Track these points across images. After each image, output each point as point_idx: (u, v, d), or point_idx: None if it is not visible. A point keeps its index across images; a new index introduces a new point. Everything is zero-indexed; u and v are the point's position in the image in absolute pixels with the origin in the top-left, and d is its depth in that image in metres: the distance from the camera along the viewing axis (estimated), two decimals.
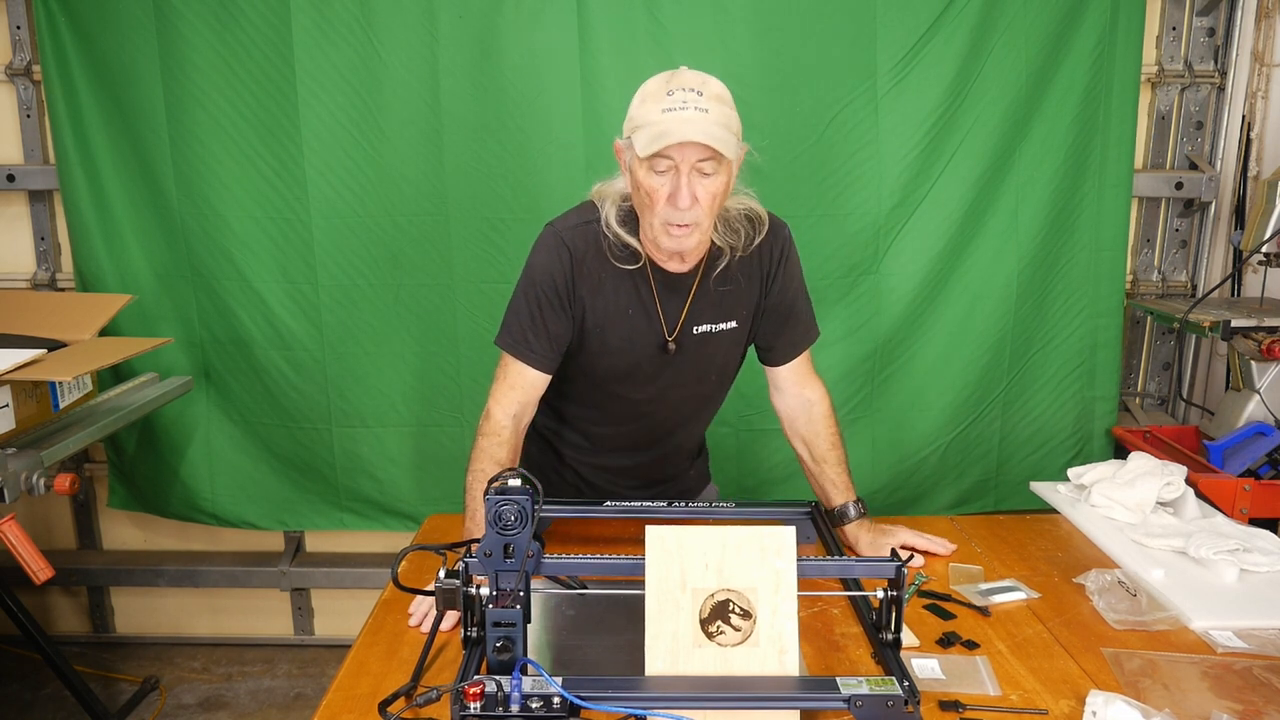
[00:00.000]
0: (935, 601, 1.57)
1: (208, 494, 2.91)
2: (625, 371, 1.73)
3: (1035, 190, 2.66)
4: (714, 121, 1.48)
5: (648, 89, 1.54)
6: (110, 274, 2.74)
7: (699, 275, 1.68)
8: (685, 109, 1.48)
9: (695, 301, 1.69)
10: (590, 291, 1.67)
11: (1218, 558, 1.65)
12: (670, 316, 1.69)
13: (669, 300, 1.69)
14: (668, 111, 1.48)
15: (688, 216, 1.52)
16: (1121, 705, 1.19)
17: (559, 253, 1.65)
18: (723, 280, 1.69)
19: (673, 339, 1.70)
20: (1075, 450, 2.82)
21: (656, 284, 1.68)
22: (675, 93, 1.50)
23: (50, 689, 2.88)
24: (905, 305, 2.71)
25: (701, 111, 1.48)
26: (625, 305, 1.68)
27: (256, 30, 2.56)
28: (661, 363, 1.72)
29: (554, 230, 1.68)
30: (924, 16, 2.54)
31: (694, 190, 1.51)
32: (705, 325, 1.71)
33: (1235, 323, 2.31)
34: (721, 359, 1.78)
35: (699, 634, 1.25)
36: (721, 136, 1.48)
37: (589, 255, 1.66)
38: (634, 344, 1.70)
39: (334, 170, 2.64)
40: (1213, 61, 2.81)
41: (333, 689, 1.32)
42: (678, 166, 1.50)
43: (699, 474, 2.03)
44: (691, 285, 1.69)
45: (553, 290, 1.65)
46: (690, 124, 1.47)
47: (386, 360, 2.78)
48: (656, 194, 1.53)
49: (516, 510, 1.25)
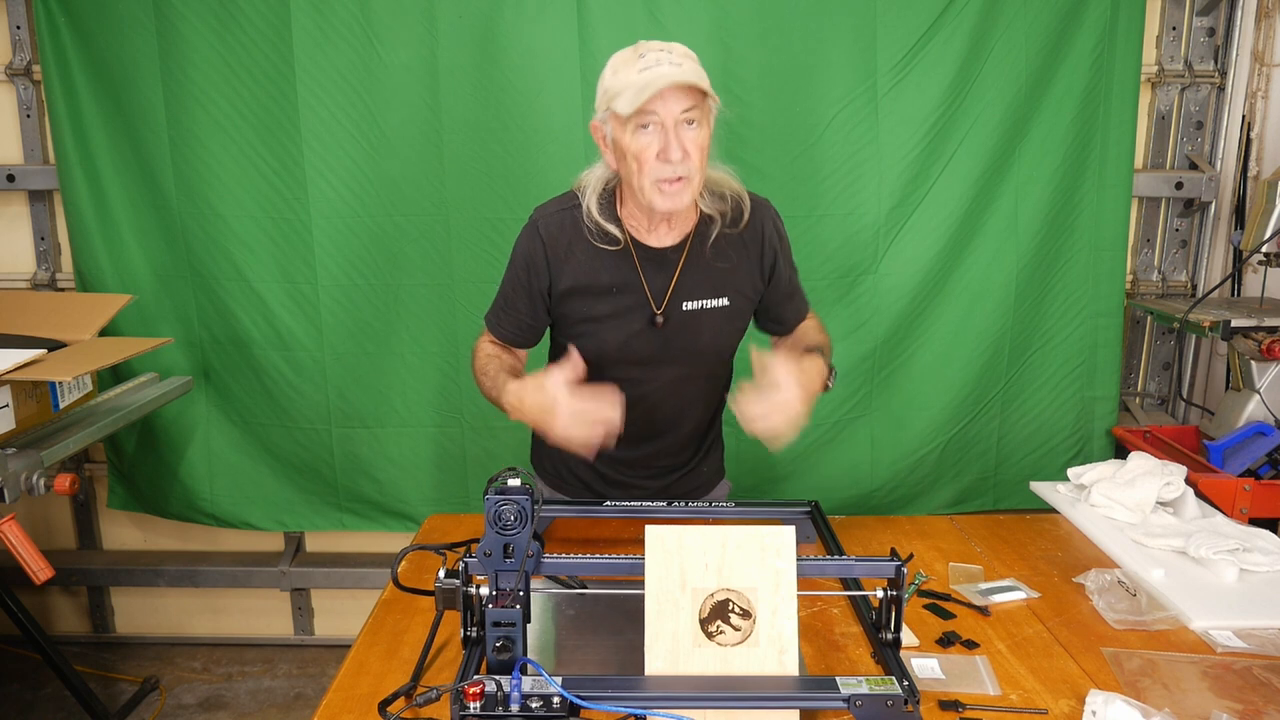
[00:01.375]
0: (935, 601, 1.57)
1: (207, 494, 2.91)
2: (617, 352, 1.74)
3: (1035, 190, 2.66)
4: (690, 71, 1.54)
5: (617, 60, 1.59)
6: (110, 274, 2.75)
7: (686, 249, 1.70)
8: (660, 65, 1.53)
9: (683, 276, 1.70)
10: (571, 273, 1.71)
11: (1218, 557, 1.65)
12: (657, 292, 1.71)
13: (655, 276, 1.70)
14: (644, 70, 1.53)
15: (680, 169, 1.55)
16: (1121, 705, 1.19)
17: (532, 241, 1.72)
18: (716, 254, 1.71)
19: (661, 312, 1.71)
20: (1075, 450, 2.83)
21: (641, 261, 1.70)
22: (646, 54, 1.55)
23: (50, 689, 2.88)
24: (905, 305, 2.71)
25: (676, 65, 1.53)
26: (610, 285, 1.70)
27: (256, 30, 2.56)
28: (652, 340, 1.73)
29: (534, 219, 1.75)
30: (924, 16, 2.54)
31: (683, 142, 1.54)
32: (696, 301, 1.72)
33: (1235, 323, 2.31)
34: (715, 336, 1.78)
35: (699, 634, 1.25)
36: (702, 77, 1.54)
37: (567, 239, 1.70)
38: (622, 321, 1.72)
39: (334, 170, 2.64)
40: (1213, 61, 2.81)
41: (333, 689, 1.32)
42: (663, 122, 1.53)
43: (712, 468, 2.01)
44: (679, 260, 1.70)
45: (526, 274, 1.72)
46: (670, 73, 1.52)
47: (386, 360, 2.78)
48: (645, 153, 1.55)
49: (516, 510, 1.25)
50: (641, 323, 1.72)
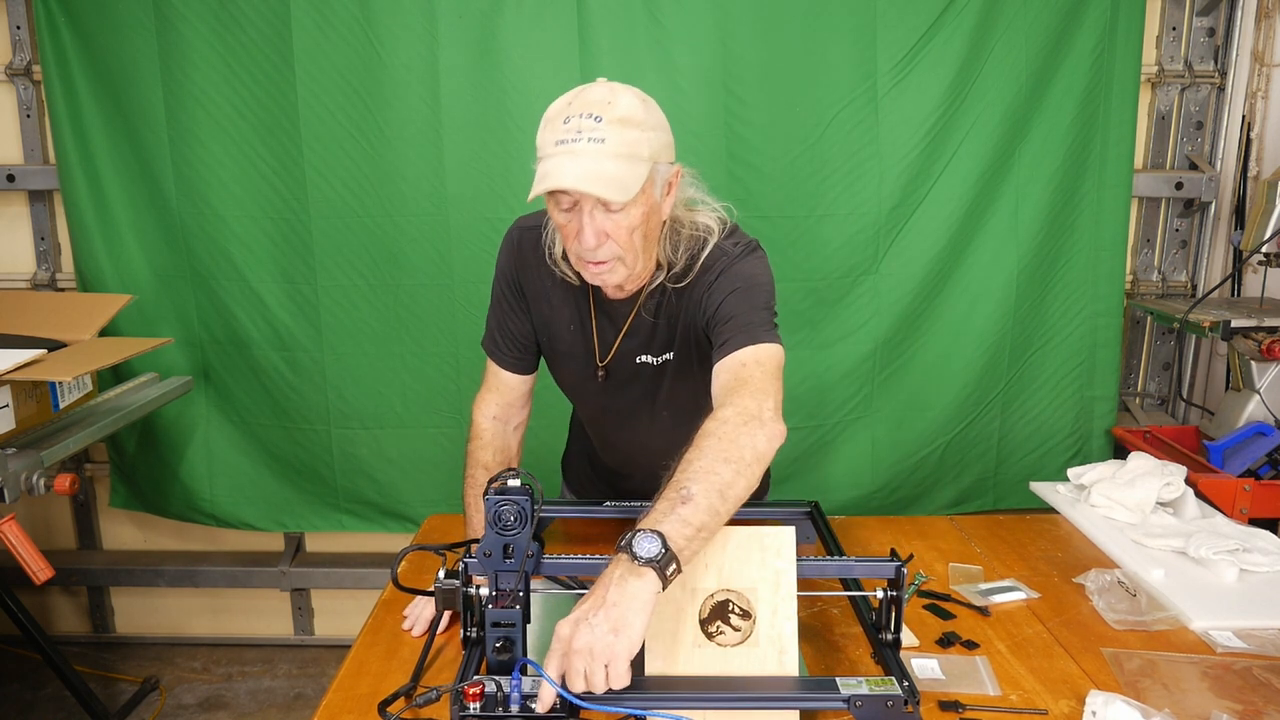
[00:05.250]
0: (935, 601, 1.57)
1: (207, 494, 2.91)
2: (575, 387, 1.71)
3: (1035, 190, 2.66)
4: (609, 154, 1.31)
5: (550, 110, 1.39)
6: (110, 274, 2.75)
7: (638, 304, 1.56)
8: (578, 140, 1.32)
9: (632, 331, 1.58)
10: (535, 296, 1.63)
11: (1217, 558, 1.65)
12: (605, 342, 1.61)
13: (605, 326, 1.60)
14: (560, 144, 1.33)
15: (600, 253, 1.40)
16: (1121, 705, 1.19)
17: (509, 253, 1.64)
18: (663, 309, 1.54)
19: (604, 365, 1.61)
20: (1075, 450, 2.83)
21: (595, 306, 1.59)
22: (571, 119, 1.34)
23: (50, 689, 2.88)
24: (905, 305, 2.71)
25: (596, 143, 1.31)
26: (567, 320, 1.62)
27: (256, 30, 2.56)
28: (598, 388, 1.65)
29: (511, 229, 1.66)
30: (924, 16, 2.54)
31: (601, 227, 1.37)
32: (642, 356, 1.59)
33: (1235, 323, 2.31)
34: (667, 392, 1.63)
35: (699, 634, 1.25)
36: (611, 174, 1.31)
37: (536, 260, 1.60)
38: (573, 360, 1.65)
39: (334, 170, 2.64)
40: (1213, 61, 2.81)
41: (333, 689, 1.32)
42: (579, 204, 1.37)
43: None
44: (629, 313, 1.57)
45: (508, 288, 1.65)
46: (574, 162, 1.31)
47: (385, 361, 2.78)
48: (565, 229, 1.41)
49: (516, 510, 1.25)
50: (589, 368, 1.64)
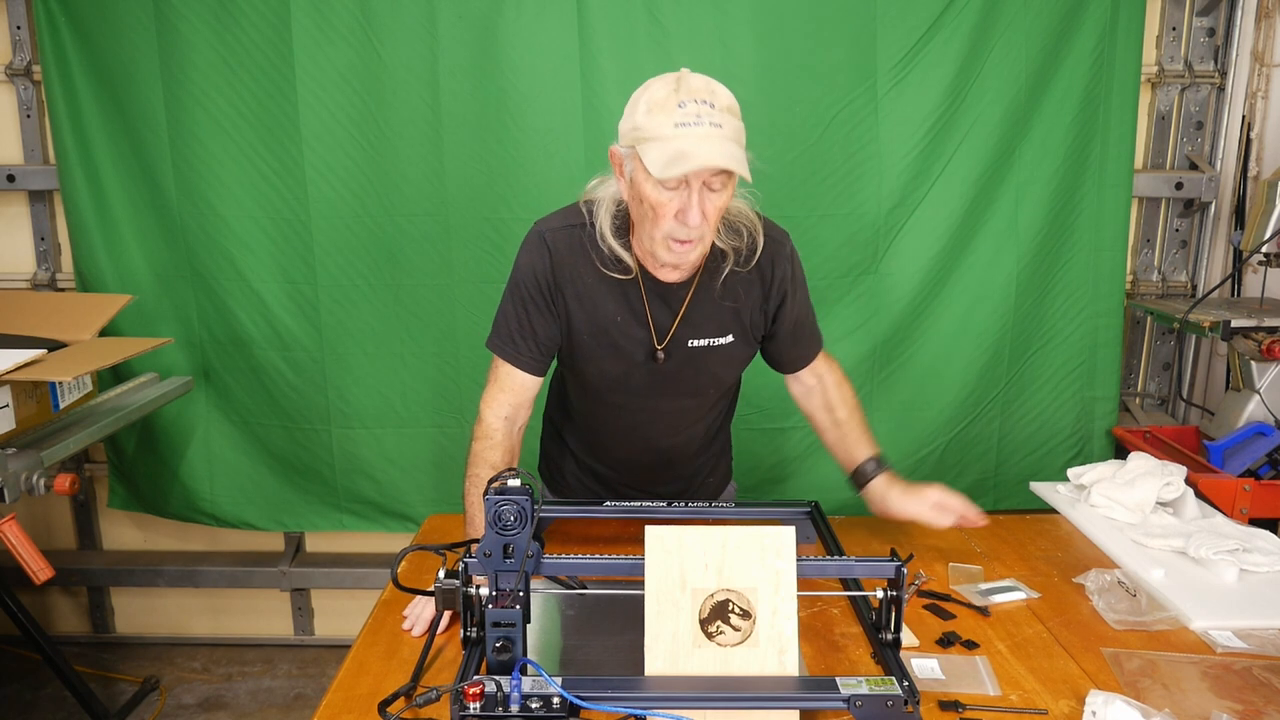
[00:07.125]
0: (935, 601, 1.57)
1: (207, 494, 2.91)
2: (616, 380, 1.70)
3: (1035, 190, 2.66)
4: (729, 138, 1.42)
5: (654, 97, 1.44)
6: (110, 274, 2.74)
7: (694, 285, 1.63)
8: (700, 124, 1.40)
9: (690, 312, 1.64)
10: (575, 295, 1.63)
11: (1218, 558, 1.65)
12: (661, 327, 1.64)
13: (660, 310, 1.64)
14: (681, 127, 1.40)
15: (694, 232, 1.47)
16: (1121, 705, 1.19)
17: (541, 253, 1.62)
18: (724, 292, 1.64)
19: (663, 348, 1.65)
20: (1075, 450, 2.82)
21: (648, 293, 1.63)
22: (687, 104, 1.41)
23: (50, 689, 2.88)
24: (905, 305, 2.71)
25: (716, 127, 1.41)
26: (614, 313, 1.63)
27: (256, 30, 2.56)
28: (652, 373, 1.68)
29: (538, 231, 1.65)
30: (924, 17, 2.54)
31: (704, 206, 1.45)
32: (701, 339, 1.66)
33: (1235, 323, 2.31)
34: (718, 372, 1.73)
35: (699, 634, 1.25)
36: (738, 155, 1.42)
37: (574, 259, 1.61)
38: (623, 352, 1.66)
39: (334, 170, 2.63)
40: (1213, 61, 2.81)
41: (333, 689, 1.32)
42: (688, 182, 1.44)
43: (719, 478, 1.99)
44: (686, 295, 1.63)
45: (537, 290, 1.63)
46: (708, 143, 1.40)
47: (385, 361, 2.77)
48: (663, 209, 1.46)
49: (516, 510, 1.25)
50: (642, 355, 1.66)
